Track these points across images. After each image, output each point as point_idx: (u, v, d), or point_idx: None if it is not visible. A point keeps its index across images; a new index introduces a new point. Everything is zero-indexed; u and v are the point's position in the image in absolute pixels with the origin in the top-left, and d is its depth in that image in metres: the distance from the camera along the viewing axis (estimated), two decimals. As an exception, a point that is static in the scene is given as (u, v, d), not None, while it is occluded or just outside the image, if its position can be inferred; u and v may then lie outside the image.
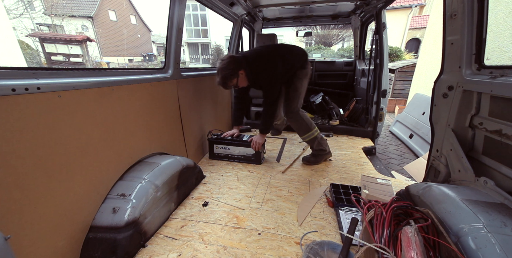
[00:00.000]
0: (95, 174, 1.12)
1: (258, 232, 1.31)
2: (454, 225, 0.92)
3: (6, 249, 0.64)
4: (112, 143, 1.22)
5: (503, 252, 0.76)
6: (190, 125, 2.07)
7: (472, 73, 1.21)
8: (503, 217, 0.89)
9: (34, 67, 1.69)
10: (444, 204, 1.03)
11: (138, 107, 1.42)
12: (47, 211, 0.90)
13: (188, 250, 1.18)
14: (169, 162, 1.52)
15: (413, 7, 13.73)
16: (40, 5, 15.24)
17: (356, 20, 3.25)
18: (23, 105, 0.81)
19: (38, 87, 0.85)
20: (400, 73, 6.64)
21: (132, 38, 21.61)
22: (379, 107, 2.67)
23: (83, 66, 13.40)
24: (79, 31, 17.51)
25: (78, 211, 1.03)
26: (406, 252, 0.81)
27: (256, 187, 1.78)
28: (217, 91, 2.71)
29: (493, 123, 1.11)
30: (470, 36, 1.18)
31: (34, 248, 0.86)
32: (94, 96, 1.10)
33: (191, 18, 19.33)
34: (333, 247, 1.15)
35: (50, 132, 0.90)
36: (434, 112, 1.46)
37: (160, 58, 22.22)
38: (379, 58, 2.58)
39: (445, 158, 1.39)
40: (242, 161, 2.22)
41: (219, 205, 1.56)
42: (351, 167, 2.15)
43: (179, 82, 1.85)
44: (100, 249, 1.05)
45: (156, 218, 1.31)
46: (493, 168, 1.12)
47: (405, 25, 14.06)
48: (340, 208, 1.48)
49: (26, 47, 11.71)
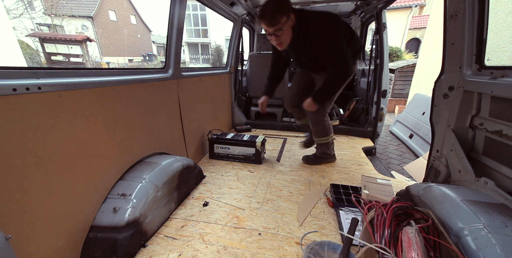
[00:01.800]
0: (96, 174, 1.12)
1: (259, 232, 1.31)
2: (454, 226, 0.92)
3: (7, 249, 0.64)
4: (112, 143, 1.22)
5: (503, 253, 0.76)
6: (190, 125, 2.07)
7: (473, 73, 1.21)
8: (503, 218, 0.89)
9: (35, 66, 1.69)
10: (445, 205, 1.03)
11: (139, 107, 1.42)
12: (47, 211, 0.90)
13: (189, 250, 1.18)
14: (169, 162, 1.52)
15: (413, 7, 13.72)
16: (40, 5, 15.22)
17: (356, 20, 3.25)
18: (24, 104, 0.81)
19: (39, 86, 0.85)
20: (400, 73, 6.64)
21: (132, 38, 21.59)
22: (379, 107, 2.67)
23: (83, 66, 13.39)
24: (79, 31, 17.50)
25: (78, 211, 1.03)
26: (406, 252, 0.81)
27: (256, 187, 1.78)
28: (217, 91, 2.71)
29: (494, 124, 1.11)
30: (471, 37, 1.18)
31: (34, 248, 0.86)
32: (95, 96, 1.10)
33: (191, 18, 19.33)
34: (333, 247, 1.15)
35: (51, 132, 0.90)
36: (434, 112, 1.46)
37: (160, 58, 22.21)
38: (379, 58, 2.58)
39: (445, 159, 1.39)
40: (242, 161, 2.22)
41: (219, 205, 1.56)
42: (351, 167, 2.15)
43: (179, 82, 1.85)
44: (100, 249, 1.05)
45: (157, 218, 1.31)
46: (494, 169, 1.12)
47: (405, 25, 14.05)
48: (340, 208, 1.48)
49: (26, 47, 11.70)
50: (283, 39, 1.51)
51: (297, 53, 1.67)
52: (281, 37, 1.49)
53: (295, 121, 3.33)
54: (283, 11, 1.41)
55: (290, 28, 1.48)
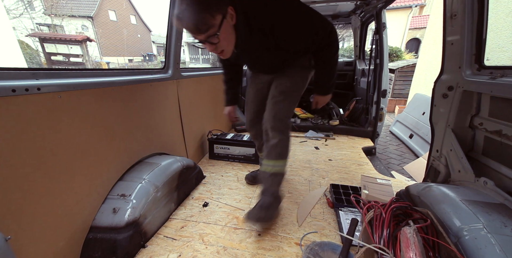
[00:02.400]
0: (95, 175, 1.12)
1: (258, 233, 1.31)
2: (454, 226, 0.92)
3: (6, 249, 0.65)
4: (112, 143, 1.22)
5: (503, 253, 0.76)
6: (190, 125, 2.07)
7: (472, 73, 1.21)
8: (503, 218, 0.89)
9: (34, 67, 1.69)
10: (444, 205, 1.03)
11: (138, 107, 1.42)
12: (47, 211, 0.90)
13: (188, 251, 1.18)
14: (169, 162, 1.52)
15: (413, 7, 13.71)
16: (40, 5, 15.23)
17: (356, 20, 3.25)
18: (23, 105, 0.81)
19: (38, 87, 0.85)
20: (400, 73, 6.63)
21: (132, 38, 21.61)
22: (379, 107, 2.67)
23: (83, 66, 13.40)
24: (79, 31, 17.51)
25: (78, 212, 1.03)
26: (405, 252, 0.81)
27: (256, 188, 1.78)
28: (217, 91, 2.71)
29: (493, 124, 1.11)
30: (470, 37, 1.18)
31: (34, 248, 0.86)
32: (94, 97, 1.10)
33: (191, 18, 19.29)
34: (333, 247, 1.15)
35: (51, 133, 0.90)
36: (434, 112, 1.46)
37: (160, 58, 22.21)
38: (379, 58, 2.58)
39: (445, 159, 1.39)
40: (242, 161, 2.22)
41: (219, 205, 1.56)
42: (351, 167, 2.15)
43: (179, 82, 1.85)
44: (100, 249, 1.05)
45: (156, 219, 1.31)
46: (493, 169, 1.12)
47: (405, 25, 14.04)
48: (340, 209, 1.48)
49: (26, 47, 11.71)
50: (223, 45, 1.00)
51: (252, 55, 1.22)
52: (220, 44, 0.99)
53: (295, 121, 3.32)
54: (211, 8, 0.89)
55: (230, 29, 0.99)
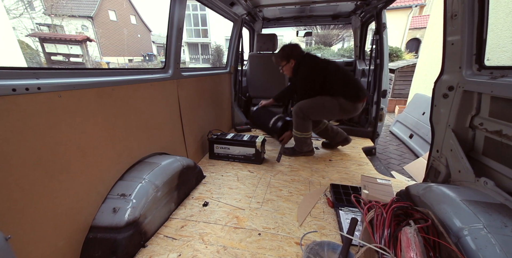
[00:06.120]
0: (95, 174, 1.12)
1: (258, 232, 1.31)
2: (454, 226, 0.92)
3: (6, 249, 0.64)
4: (112, 143, 1.22)
5: (503, 253, 0.75)
6: (190, 125, 2.07)
7: (473, 73, 1.21)
8: (503, 218, 0.89)
9: (35, 67, 1.70)
10: (444, 205, 1.03)
11: (138, 107, 1.42)
12: (47, 211, 0.90)
13: (188, 250, 1.18)
14: (169, 162, 1.52)
15: (413, 7, 13.73)
16: (40, 5, 15.22)
17: (356, 20, 3.25)
18: (23, 105, 0.81)
19: (38, 87, 0.85)
20: (400, 73, 6.63)
21: (132, 38, 21.60)
22: (379, 107, 2.67)
23: (83, 66, 13.40)
24: (79, 31, 17.50)
25: (78, 211, 1.03)
26: (405, 252, 0.81)
27: (256, 187, 1.78)
28: (217, 91, 2.71)
29: (494, 124, 1.11)
30: (471, 37, 1.18)
31: (34, 248, 0.86)
32: (95, 96, 1.10)
33: (191, 18, 19.31)
34: (333, 247, 1.15)
35: (51, 132, 0.90)
36: (434, 112, 1.46)
37: (160, 58, 22.21)
38: (379, 58, 2.58)
39: (445, 159, 1.39)
40: (242, 161, 2.22)
41: (219, 205, 1.56)
42: (351, 167, 2.15)
43: (179, 82, 1.85)
44: (100, 249, 1.05)
45: (156, 218, 1.31)
46: (494, 169, 1.12)
47: (405, 25, 14.06)
48: (340, 208, 1.48)
49: (26, 47, 11.71)
50: (285, 71, 2.32)
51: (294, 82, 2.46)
52: (283, 70, 2.31)
53: None
54: (283, 57, 2.21)
55: (290, 68, 2.24)
